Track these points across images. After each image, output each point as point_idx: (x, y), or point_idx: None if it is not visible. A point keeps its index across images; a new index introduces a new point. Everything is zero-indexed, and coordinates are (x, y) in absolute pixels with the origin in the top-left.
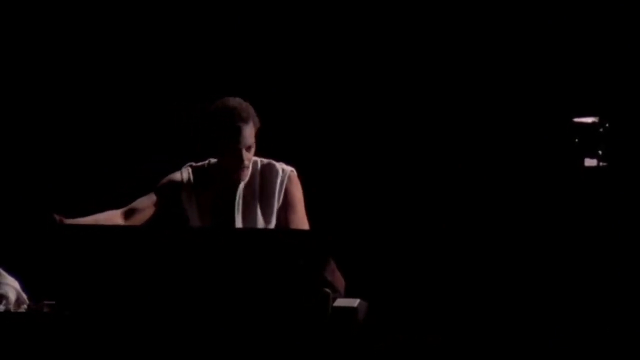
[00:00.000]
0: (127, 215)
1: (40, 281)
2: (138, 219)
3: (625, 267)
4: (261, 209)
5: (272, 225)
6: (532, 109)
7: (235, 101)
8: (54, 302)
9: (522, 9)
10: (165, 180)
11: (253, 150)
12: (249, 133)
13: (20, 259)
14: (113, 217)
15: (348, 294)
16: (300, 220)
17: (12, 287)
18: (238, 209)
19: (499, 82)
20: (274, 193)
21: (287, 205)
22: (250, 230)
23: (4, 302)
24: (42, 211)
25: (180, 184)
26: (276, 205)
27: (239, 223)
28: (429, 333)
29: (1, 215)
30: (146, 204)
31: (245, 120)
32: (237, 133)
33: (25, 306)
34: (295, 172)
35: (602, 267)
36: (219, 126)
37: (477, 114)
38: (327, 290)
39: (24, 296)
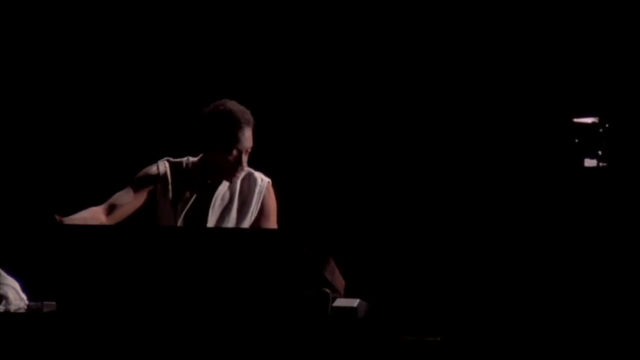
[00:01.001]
0: (109, 211)
1: (40, 281)
2: (119, 215)
3: (625, 267)
4: (237, 214)
5: None
6: (532, 109)
7: (237, 104)
8: (54, 302)
9: (522, 9)
10: (141, 173)
11: (249, 154)
12: (251, 137)
13: (20, 259)
14: (97, 214)
15: (348, 294)
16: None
17: (12, 287)
18: (213, 211)
19: (499, 82)
20: (252, 201)
21: (262, 215)
22: (250, 230)
23: (3, 302)
24: (42, 211)
25: (156, 177)
26: (253, 213)
27: (210, 225)
28: (428, 333)
29: (1, 215)
30: (125, 199)
31: (249, 123)
32: (243, 134)
33: (25, 306)
34: (270, 183)
35: (602, 267)
36: (225, 126)
37: (477, 114)
38: (327, 290)
39: (24, 296)
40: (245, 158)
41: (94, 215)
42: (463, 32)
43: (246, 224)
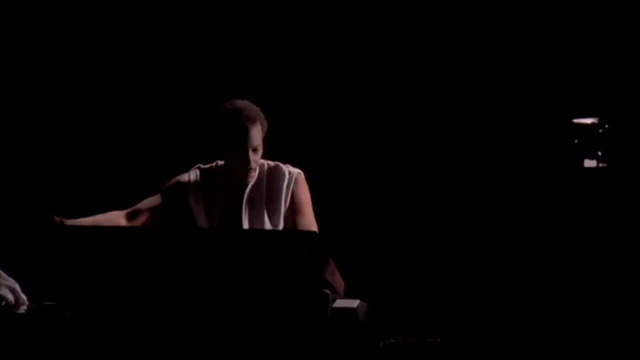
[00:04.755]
0: (131, 216)
1: (40, 282)
2: (142, 220)
3: (625, 268)
4: (268, 211)
5: (280, 228)
6: (532, 109)
7: (244, 102)
8: (53, 303)
9: (522, 9)
10: (172, 181)
11: (260, 152)
12: (256, 134)
13: (20, 260)
14: (115, 217)
15: (348, 295)
16: (309, 222)
17: (12, 288)
18: (245, 211)
19: (498, 82)
20: (280, 196)
21: (294, 208)
22: (249, 231)
23: (3, 302)
24: (42, 212)
25: (188, 185)
26: (283, 209)
27: (245, 225)
28: (428, 334)
29: (1, 216)
30: (152, 205)
31: (253, 121)
32: (244, 133)
33: (25, 307)
34: (302, 175)
35: (602, 268)
36: (226, 126)
37: (477, 114)
38: (327, 291)
39: (24, 297)
40: (253, 157)
41: (110, 218)
42: (463, 33)
43: (278, 220)
